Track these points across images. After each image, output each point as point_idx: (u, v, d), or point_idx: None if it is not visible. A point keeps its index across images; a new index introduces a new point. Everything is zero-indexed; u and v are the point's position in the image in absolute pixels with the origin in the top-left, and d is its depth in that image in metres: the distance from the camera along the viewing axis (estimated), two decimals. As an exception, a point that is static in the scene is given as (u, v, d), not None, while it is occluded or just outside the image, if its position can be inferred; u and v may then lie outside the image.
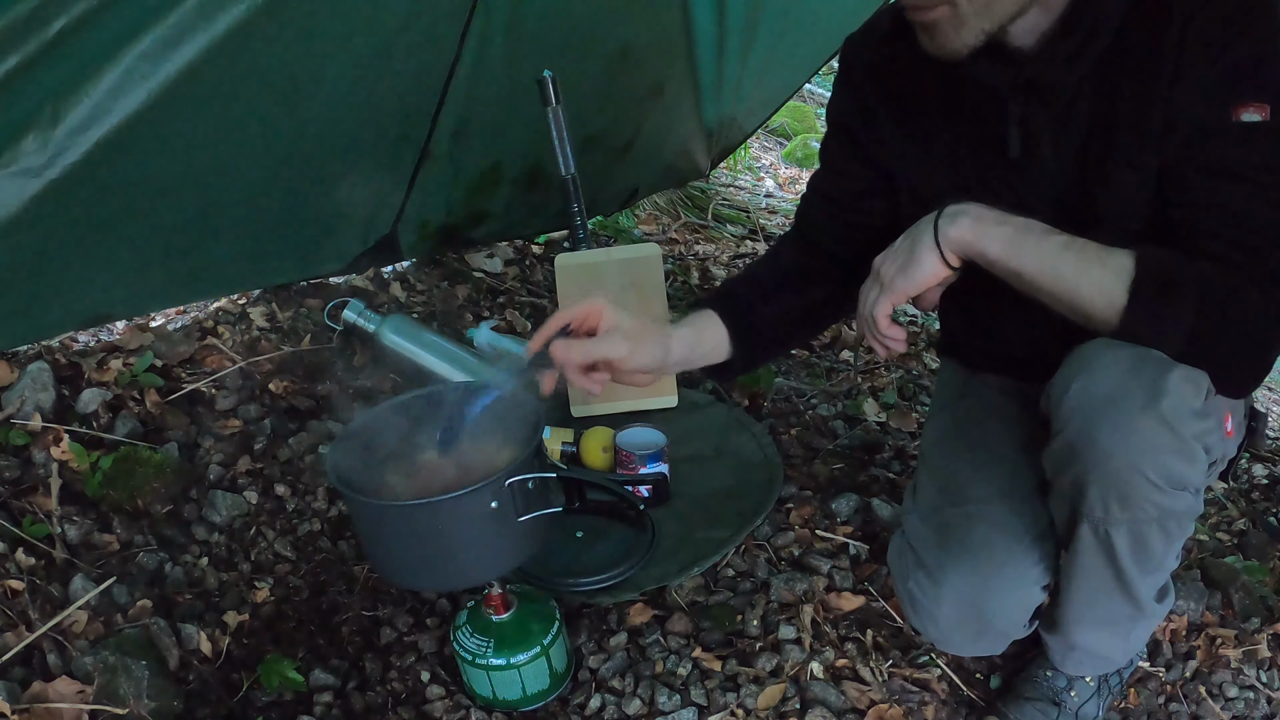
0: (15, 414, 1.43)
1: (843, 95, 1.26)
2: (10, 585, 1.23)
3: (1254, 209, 0.97)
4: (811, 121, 4.63)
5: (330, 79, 1.55)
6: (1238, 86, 0.96)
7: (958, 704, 1.33)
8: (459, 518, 1.06)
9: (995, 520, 1.18)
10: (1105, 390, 0.97)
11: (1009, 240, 1.01)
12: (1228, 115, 0.96)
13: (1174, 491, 0.99)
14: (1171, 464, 0.97)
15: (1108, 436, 0.97)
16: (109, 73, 1.24)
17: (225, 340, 1.75)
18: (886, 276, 1.09)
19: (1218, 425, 1.04)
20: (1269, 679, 1.41)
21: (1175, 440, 0.95)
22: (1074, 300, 0.99)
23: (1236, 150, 0.97)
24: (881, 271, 1.10)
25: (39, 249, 1.37)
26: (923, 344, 2.39)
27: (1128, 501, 1.00)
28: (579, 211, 1.84)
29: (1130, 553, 1.05)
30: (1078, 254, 0.99)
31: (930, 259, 1.04)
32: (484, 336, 1.89)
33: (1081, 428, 0.99)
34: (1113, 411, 0.96)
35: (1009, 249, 1.01)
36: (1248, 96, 0.95)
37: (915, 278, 1.06)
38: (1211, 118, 0.97)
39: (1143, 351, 0.97)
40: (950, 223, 1.03)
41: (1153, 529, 1.03)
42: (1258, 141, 0.96)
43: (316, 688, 1.28)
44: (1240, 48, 0.95)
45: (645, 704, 1.27)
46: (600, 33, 2.00)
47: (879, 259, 1.11)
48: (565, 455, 1.63)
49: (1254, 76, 0.95)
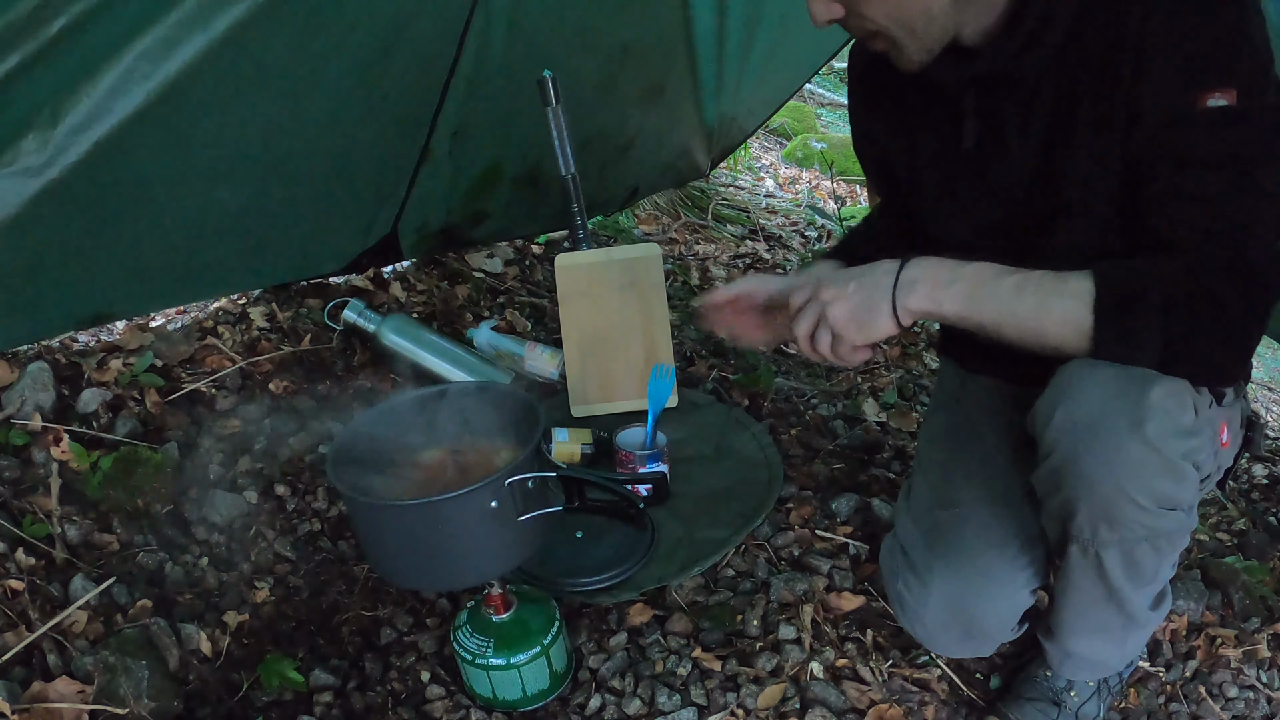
0: (15, 414, 1.43)
1: (850, 92, 1.32)
2: (10, 585, 1.23)
3: (1224, 196, 0.96)
4: (811, 121, 4.63)
5: (330, 79, 1.55)
6: (1202, 73, 0.94)
7: (958, 704, 1.33)
8: (459, 518, 1.06)
9: (984, 523, 1.19)
10: (1089, 415, 0.96)
11: (965, 297, 1.01)
12: (1193, 103, 0.95)
13: (1163, 512, 0.98)
14: (1159, 486, 0.96)
15: (1093, 462, 0.97)
16: (109, 73, 1.24)
17: (225, 340, 1.75)
18: (836, 320, 1.07)
19: (1210, 440, 1.03)
20: (1269, 679, 1.41)
21: (1162, 462, 0.95)
22: (1041, 338, 0.99)
23: (1204, 137, 0.95)
24: (830, 313, 1.07)
25: (39, 249, 1.37)
26: (923, 344, 2.39)
27: (1116, 524, 1.00)
28: (579, 211, 1.84)
29: (1122, 571, 1.05)
30: (1035, 291, 0.98)
31: (885, 322, 1.05)
32: (484, 336, 1.89)
33: (1067, 454, 0.99)
34: (1097, 437, 0.96)
35: (966, 306, 1.01)
36: (1212, 83, 0.94)
37: (868, 334, 1.07)
38: (1177, 106, 0.96)
39: (1124, 371, 0.96)
40: (908, 292, 1.03)
41: (1143, 548, 1.03)
42: (1224, 127, 0.94)
43: (316, 688, 1.28)
44: (1202, 34, 0.94)
45: (645, 704, 1.27)
46: (600, 33, 2.00)
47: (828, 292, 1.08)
48: (585, 457, 1.63)
49: (1217, 62, 0.94)
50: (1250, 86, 0.94)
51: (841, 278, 1.08)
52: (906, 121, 1.20)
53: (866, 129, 1.30)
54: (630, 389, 1.78)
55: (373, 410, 1.20)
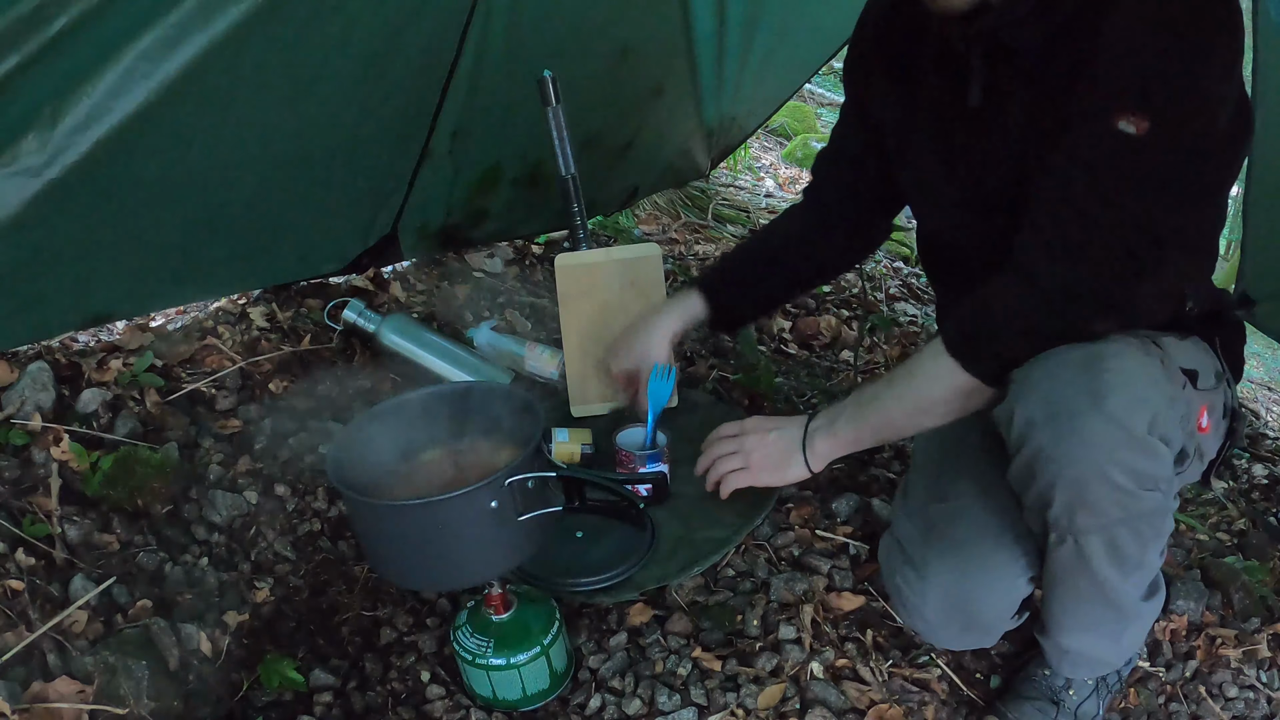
0: (15, 414, 1.43)
1: (851, 54, 1.35)
2: (10, 585, 1.23)
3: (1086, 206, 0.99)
4: (811, 121, 4.63)
5: (330, 79, 1.55)
6: (1123, 94, 0.95)
7: (958, 704, 1.33)
8: (459, 517, 1.06)
9: (978, 516, 1.19)
10: (1050, 402, 0.98)
11: (854, 437, 1.23)
12: (1106, 119, 0.96)
13: (1139, 492, 0.98)
14: (1129, 460, 0.97)
15: (1060, 447, 0.97)
16: (109, 72, 1.24)
17: (225, 340, 1.75)
18: (756, 465, 1.32)
19: (1182, 418, 1.03)
20: (1269, 679, 1.41)
21: (1127, 436, 0.95)
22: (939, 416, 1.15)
23: (1099, 151, 0.98)
24: (752, 459, 1.32)
25: (39, 249, 1.37)
26: (923, 343, 2.39)
27: (1092, 508, 1.00)
28: (579, 211, 1.84)
29: (1106, 558, 1.05)
30: (903, 387, 1.16)
31: (799, 470, 1.29)
32: (484, 336, 1.89)
33: (1035, 445, 1.00)
34: (1060, 421, 0.97)
35: (859, 438, 1.23)
36: (1129, 106, 0.94)
37: (785, 479, 1.31)
38: (1094, 116, 0.98)
39: (1074, 355, 0.99)
40: (811, 447, 1.26)
41: (1122, 532, 1.03)
42: (1123, 151, 0.96)
43: (316, 688, 1.28)
44: (1144, 54, 0.94)
45: (645, 704, 1.27)
46: (600, 33, 2.00)
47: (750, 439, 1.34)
48: (585, 457, 1.63)
49: (1143, 88, 0.94)
50: (1164, 122, 0.94)
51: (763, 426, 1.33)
52: (913, 79, 1.21)
53: (862, 91, 1.33)
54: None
55: (373, 410, 1.20)
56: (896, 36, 1.22)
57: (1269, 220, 2.01)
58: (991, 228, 1.15)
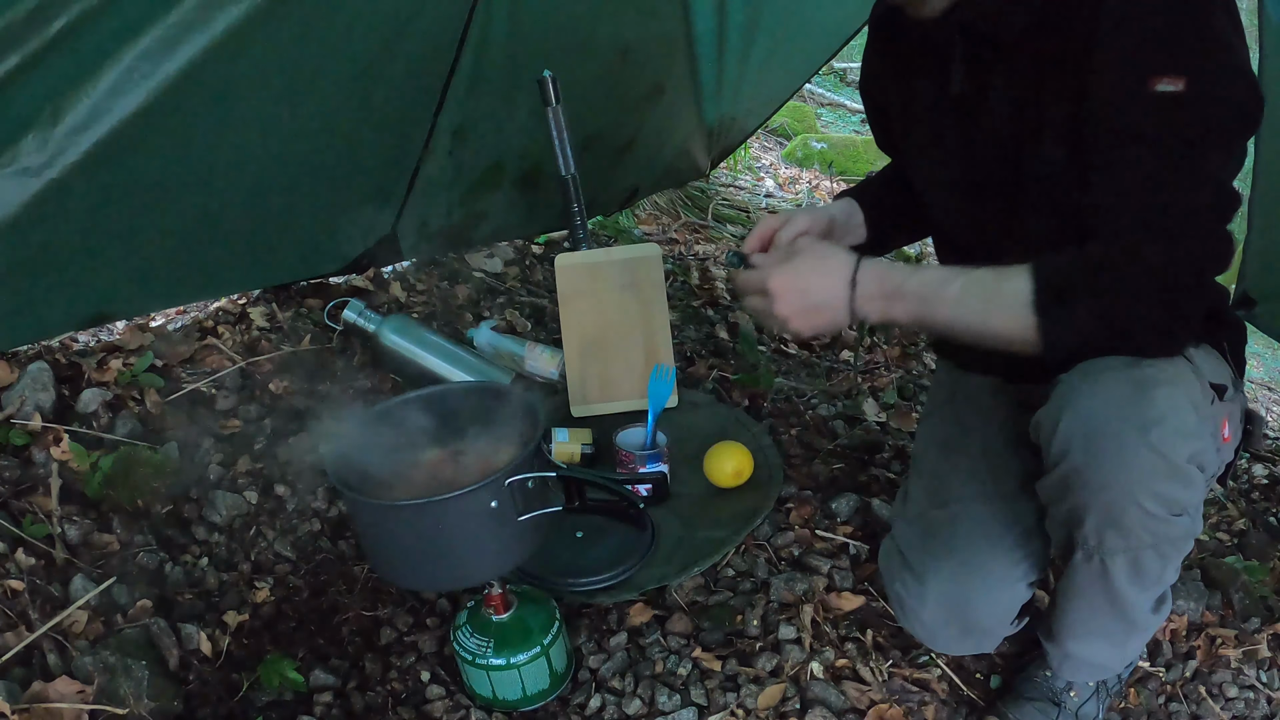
0: (15, 414, 1.43)
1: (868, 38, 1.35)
2: (10, 585, 1.23)
3: (1160, 173, 0.96)
4: (811, 121, 4.63)
5: (330, 79, 1.55)
6: (1153, 58, 0.95)
7: (958, 704, 1.33)
8: (459, 518, 1.06)
9: (977, 520, 1.19)
10: (1095, 423, 0.97)
11: (915, 308, 1.06)
12: (1141, 85, 0.95)
13: (1170, 518, 0.98)
14: (1166, 491, 0.96)
15: (1101, 470, 0.97)
16: (109, 72, 1.24)
17: (225, 340, 1.75)
18: (786, 312, 1.09)
19: (1213, 437, 1.03)
20: (1269, 679, 1.41)
21: (1169, 467, 0.95)
22: (992, 340, 1.03)
23: (1148, 117, 0.96)
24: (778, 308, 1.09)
25: (39, 249, 1.37)
26: (923, 343, 2.39)
27: (1124, 531, 1.00)
28: (579, 211, 1.84)
29: (1127, 578, 1.06)
30: (978, 296, 1.02)
31: (840, 319, 1.09)
32: (484, 336, 1.89)
33: (1075, 462, 0.99)
34: (1105, 444, 0.96)
35: (917, 315, 1.06)
36: (1162, 68, 0.94)
37: (818, 328, 1.11)
38: (1125, 85, 0.96)
39: (1125, 375, 0.97)
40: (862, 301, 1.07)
41: (1149, 554, 1.03)
42: (1172, 109, 0.95)
43: (316, 688, 1.28)
44: (1158, 19, 0.95)
45: (645, 704, 1.27)
46: (600, 33, 2.00)
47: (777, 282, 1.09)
48: (585, 457, 1.63)
49: (1170, 49, 0.94)
50: (1200, 77, 0.94)
51: (793, 269, 1.10)
52: (910, 67, 1.22)
53: (874, 73, 1.34)
54: (630, 389, 1.78)
55: (373, 410, 1.20)
56: (897, 30, 1.24)
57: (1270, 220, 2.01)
58: (987, 214, 1.16)
